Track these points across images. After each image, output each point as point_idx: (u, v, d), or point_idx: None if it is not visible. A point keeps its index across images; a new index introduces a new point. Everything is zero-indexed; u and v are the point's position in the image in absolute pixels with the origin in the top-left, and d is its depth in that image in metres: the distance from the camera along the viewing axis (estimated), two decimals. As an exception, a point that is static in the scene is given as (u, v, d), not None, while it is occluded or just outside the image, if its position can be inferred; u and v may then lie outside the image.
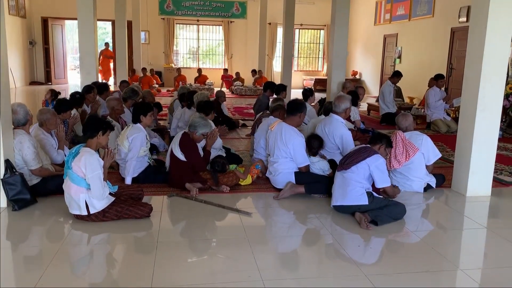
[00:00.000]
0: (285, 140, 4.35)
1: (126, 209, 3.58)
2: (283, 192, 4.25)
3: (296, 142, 4.32)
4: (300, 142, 4.34)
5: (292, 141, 4.32)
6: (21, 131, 4.04)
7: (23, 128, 4.09)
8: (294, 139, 4.33)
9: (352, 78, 16.59)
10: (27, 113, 4.13)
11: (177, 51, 18.37)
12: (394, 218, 3.72)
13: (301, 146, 4.35)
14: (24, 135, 4.01)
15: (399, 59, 14.05)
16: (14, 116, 4.04)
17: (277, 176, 4.43)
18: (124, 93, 6.52)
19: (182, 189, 4.39)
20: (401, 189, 4.57)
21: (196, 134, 4.47)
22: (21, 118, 4.08)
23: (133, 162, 4.45)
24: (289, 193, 4.25)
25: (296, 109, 4.47)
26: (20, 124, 4.09)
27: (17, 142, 3.95)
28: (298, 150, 4.33)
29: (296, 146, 4.32)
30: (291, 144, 4.33)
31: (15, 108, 4.07)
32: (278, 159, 4.42)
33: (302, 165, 4.35)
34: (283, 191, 4.26)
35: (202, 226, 3.61)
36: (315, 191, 4.32)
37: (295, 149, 4.33)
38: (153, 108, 4.89)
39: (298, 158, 4.34)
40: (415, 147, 4.43)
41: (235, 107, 11.74)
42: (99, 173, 3.46)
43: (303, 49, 19.20)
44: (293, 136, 4.34)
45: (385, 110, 9.18)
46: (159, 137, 6.23)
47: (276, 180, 4.45)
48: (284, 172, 4.38)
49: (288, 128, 4.40)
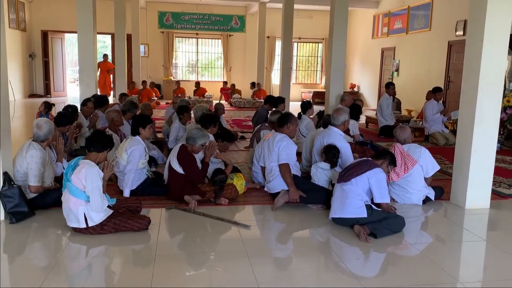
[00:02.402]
0: (274, 143, 4.47)
1: (124, 222, 3.57)
2: (277, 200, 4.24)
3: (284, 143, 4.43)
4: (288, 143, 4.43)
5: (280, 143, 4.44)
6: (37, 146, 4.04)
7: (41, 144, 4.10)
8: (283, 141, 4.45)
9: (350, 91, 16.67)
10: (50, 132, 4.14)
11: (176, 64, 18.47)
12: (393, 231, 3.71)
13: (289, 147, 4.41)
14: (38, 150, 4.00)
15: (396, 72, 14.15)
16: (37, 131, 4.08)
17: (273, 181, 4.45)
18: (123, 106, 6.54)
19: (181, 202, 4.38)
20: (399, 201, 4.57)
21: (196, 146, 4.48)
22: (42, 134, 4.09)
23: (132, 174, 4.45)
24: (283, 200, 4.24)
25: (283, 120, 4.59)
26: (38, 139, 4.10)
27: (29, 155, 3.95)
28: (284, 149, 4.40)
29: (283, 145, 4.42)
30: (278, 145, 4.43)
31: (41, 124, 4.09)
32: (270, 164, 4.49)
33: (282, 162, 4.37)
34: (277, 198, 4.26)
35: (201, 239, 3.59)
36: (311, 201, 4.30)
37: (282, 148, 4.42)
38: (152, 120, 4.91)
39: (282, 155, 4.39)
40: (413, 159, 4.43)
41: (233, 119, 11.76)
42: (99, 185, 3.46)
43: (302, 62, 19.33)
44: (282, 139, 4.47)
45: (383, 122, 9.22)
46: (157, 150, 6.23)
47: (273, 186, 4.47)
48: (279, 175, 4.41)
49: (280, 135, 4.54)
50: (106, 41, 22.91)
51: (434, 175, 4.68)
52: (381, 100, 9.42)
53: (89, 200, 3.44)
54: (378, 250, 3.46)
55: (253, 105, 14.86)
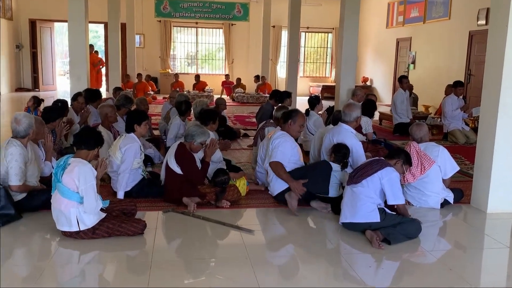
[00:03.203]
0: (271, 141, 4.50)
1: (118, 226, 3.58)
2: (290, 204, 4.23)
3: (278, 140, 4.46)
4: (282, 141, 4.45)
5: (278, 139, 4.47)
6: (17, 143, 4.00)
7: (21, 140, 4.05)
8: (280, 138, 4.48)
9: (362, 85, 16.64)
10: (30, 127, 4.05)
11: (174, 56, 18.49)
12: (409, 237, 3.70)
13: (283, 145, 4.42)
14: (18, 147, 3.97)
15: (413, 64, 14.10)
16: (15, 126, 4.00)
17: (272, 183, 4.47)
18: (117, 101, 6.55)
19: (179, 204, 4.39)
20: (415, 205, 4.56)
21: (194, 144, 4.48)
22: (21, 130, 4.01)
23: (126, 174, 4.46)
24: (295, 200, 4.23)
25: (285, 117, 4.62)
26: (18, 135, 4.03)
27: (8, 153, 3.94)
28: (277, 146, 4.43)
29: (277, 143, 4.45)
30: (273, 142, 4.47)
31: (19, 118, 4.01)
32: (266, 164, 4.52)
33: (272, 160, 4.40)
34: (289, 203, 4.24)
35: (200, 245, 3.60)
36: (316, 186, 4.29)
37: (275, 145, 4.45)
38: (148, 116, 4.91)
39: (273, 152, 4.43)
40: (430, 159, 4.42)
41: (236, 115, 11.76)
42: (93, 184, 3.48)
43: (310, 53, 19.30)
44: (280, 136, 4.50)
45: (397, 119, 9.19)
46: (154, 148, 6.24)
47: (273, 188, 4.49)
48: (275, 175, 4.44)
49: (279, 132, 4.56)
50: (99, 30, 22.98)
51: (453, 176, 4.67)
52: (395, 95, 9.39)
53: (82, 201, 3.45)
54: (392, 257, 3.45)
55: (257, 100, 14.85)
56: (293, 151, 4.54)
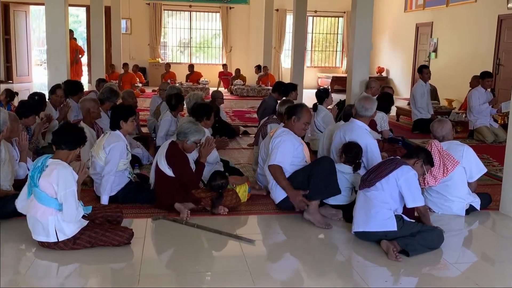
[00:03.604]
0: (273, 139, 4.50)
1: (101, 235, 3.58)
2: (313, 220, 4.19)
3: (278, 139, 4.44)
4: (283, 140, 4.43)
5: (279, 138, 4.46)
6: None
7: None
8: (281, 136, 4.47)
9: (377, 76, 16.62)
10: (3, 123, 4.04)
11: (165, 43, 18.48)
12: (429, 247, 3.70)
13: (283, 145, 4.40)
14: None
15: (434, 53, 14.09)
16: None
17: (274, 188, 4.46)
18: (101, 94, 6.56)
19: (170, 211, 4.39)
20: (437, 211, 4.56)
21: (187, 143, 4.49)
22: None
23: (111, 177, 4.46)
24: (317, 213, 4.21)
25: (289, 112, 4.60)
26: None
27: None
28: (277, 146, 4.41)
29: (276, 142, 4.44)
30: (273, 141, 4.46)
31: None
32: (267, 166, 4.51)
33: (271, 163, 4.39)
34: (312, 220, 4.19)
35: (194, 256, 3.60)
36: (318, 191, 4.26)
37: (275, 145, 4.44)
38: (135, 112, 4.91)
39: (272, 154, 4.42)
40: (454, 160, 4.42)
41: (235, 110, 11.76)
42: (74, 190, 3.47)
43: (318, 41, 19.29)
44: (281, 134, 4.49)
45: (417, 115, 9.19)
46: (142, 147, 6.25)
47: (276, 194, 4.48)
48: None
49: (281, 130, 4.56)
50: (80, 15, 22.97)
51: (480, 179, 4.66)
52: (415, 88, 9.38)
53: (61, 208, 3.46)
54: (410, 271, 3.45)
55: (259, 94, 14.85)
56: (297, 151, 4.52)
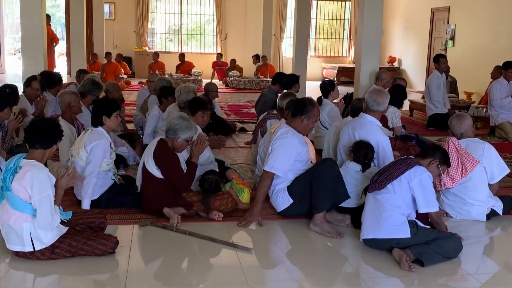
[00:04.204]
0: (274, 139, 4.45)
1: (82, 243, 3.58)
2: (321, 231, 4.17)
3: (279, 142, 4.36)
4: (284, 143, 4.35)
5: (280, 140, 4.38)
6: None
7: None
8: (283, 138, 4.38)
9: (388, 66, 16.64)
10: None
11: (152, 30, 18.47)
12: (446, 256, 3.70)
13: (283, 149, 4.33)
14: None
15: (451, 41, 14.09)
16: None
17: (274, 196, 4.46)
18: (82, 87, 6.54)
19: (159, 216, 4.39)
20: (455, 216, 4.57)
21: (178, 141, 4.48)
22: None
23: (93, 179, 4.46)
24: (324, 223, 4.20)
25: (297, 109, 4.49)
26: None
27: None
28: (278, 149, 4.34)
29: (276, 145, 4.37)
30: (275, 142, 4.39)
31: None
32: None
33: (265, 169, 4.35)
34: (321, 232, 4.19)
35: (186, 267, 3.60)
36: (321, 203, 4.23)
37: (274, 148, 4.38)
38: (120, 106, 4.91)
39: (270, 158, 4.36)
40: (474, 159, 4.42)
41: (230, 105, 11.75)
42: (50, 194, 3.46)
43: (323, 27, 19.29)
44: (284, 135, 4.40)
45: (432, 110, 9.19)
46: (128, 146, 6.24)
47: (275, 203, 4.48)
48: (277, 188, 4.41)
49: (284, 128, 4.48)
50: (58, -2, 22.95)
51: (502, 180, 4.67)
52: (430, 79, 9.37)
53: (35, 214, 3.45)
54: (425, 282, 3.45)
55: (257, 86, 14.86)
56: (300, 155, 4.45)
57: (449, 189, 4.54)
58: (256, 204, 4.35)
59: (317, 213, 4.21)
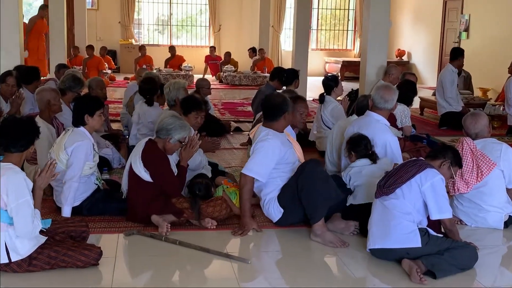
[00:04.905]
0: (255, 143, 4.46)
1: (63, 254, 3.56)
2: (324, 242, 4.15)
3: (263, 144, 4.36)
4: (263, 146, 4.35)
5: (260, 143, 4.38)
6: None
7: None
8: (263, 141, 4.38)
9: (397, 60, 16.66)
10: None
11: (139, 21, 18.45)
12: (460, 267, 3.71)
13: (264, 153, 4.33)
14: None
15: (466, 32, 14.11)
16: None
17: (267, 207, 4.44)
18: (62, 83, 6.53)
19: (146, 224, 4.39)
20: (470, 224, 4.57)
21: (170, 142, 4.47)
22: None
23: (74, 184, 4.45)
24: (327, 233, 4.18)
25: (271, 112, 4.49)
26: None
27: None
28: (255, 151, 4.37)
29: (257, 146, 4.38)
30: (256, 145, 4.41)
31: None
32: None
33: (243, 171, 4.36)
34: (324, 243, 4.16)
35: (176, 280, 3.59)
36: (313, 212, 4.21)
37: (254, 149, 4.40)
38: (103, 104, 4.90)
39: (249, 160, 4.40)
40: (490, 161, 4.43)
41: (224, 103, 11.75)
42: (28, 199, 3.45)
43: (325, 18, 19.30)
44: (264, 138, 4.39)
45: (445, 108, 9.20)
46: (112, 147, 6.23)
47: (268, 212, 4.48)
48: (267, 198, 4.41)
49: (264, 132, 4.46)
50: (36, -14, 22.92)
51: (521, 184, 4.68)
52: (444, 73, 9.38)
53: (12, 222, 3.43)
54: (438, 295, 3.45)
55: (254, 82, 14.87)
56: (286, 156, 4.43)
57: (464, 195, 4.54)
58: (244, 217, 4.36)
59: (315, 223, 4.19)
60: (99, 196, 4.64)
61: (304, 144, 6.73)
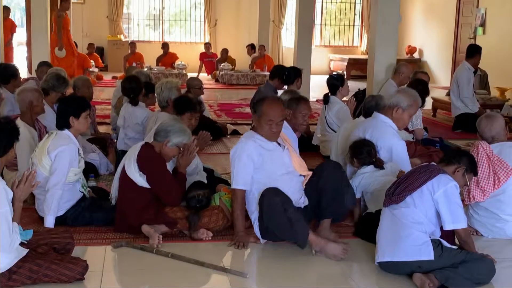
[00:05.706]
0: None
1: (45, 268, 3.56)
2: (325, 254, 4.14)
3: (233, 151, 4.40)
4: (235, 151, 4.36)
5: (231, 152, 4.42)
6: None
7: None
8: (234, 149, 4.41)
9: (407, 58, 16.67)
10: None
11: (129, 16, 18.47)
12: (476, 282, 3.70)
13: (236, 155, 4.33)
14: None
15: (482, 27, 14.12)
16: None
17: (256, 223, 4.40)
18: (45, 82, 6.54)
19: (136, 235, 4.39)
20: (486, 235, 4.57)
21: (168, 145, 4.46)
22: None
23: (58, 191, 4.44)
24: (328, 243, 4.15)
25: (256, 110, 4.50)
26: None
27: None
28: (232, 165, 4.38)
29: (231, 160, 4.39)
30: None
31: None
32: None
33: (233, 186, 4.37)
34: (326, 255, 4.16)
35: (168, 295, 3.60)
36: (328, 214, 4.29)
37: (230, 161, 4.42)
38: (90, 105, 4.91)
39: (231, 175, 4.41)
40: (508, 167, 4.43)
41: (221, 103, 11.76)
42: (7, 210, 3.44)
43: (330, 12, 19.33)
44: (236, 146, 4.42)
45: (460, 109, 9.20)
46: (99, 152, 6.23)
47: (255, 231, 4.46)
48: (253, 218, 4.39)
49: (242, 137, 4.52)
50: (17, -22, 22.95)
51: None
52: (459, 71, 9.38)
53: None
54: (452, 312, 3.46)
55: (252, 81, 14.88)
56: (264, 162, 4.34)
57: (479, 203, 4.54)
58: (237, 232, 4.34)
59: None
60: (85, 205, 4.63)
61: (307, 148, 6.77)
